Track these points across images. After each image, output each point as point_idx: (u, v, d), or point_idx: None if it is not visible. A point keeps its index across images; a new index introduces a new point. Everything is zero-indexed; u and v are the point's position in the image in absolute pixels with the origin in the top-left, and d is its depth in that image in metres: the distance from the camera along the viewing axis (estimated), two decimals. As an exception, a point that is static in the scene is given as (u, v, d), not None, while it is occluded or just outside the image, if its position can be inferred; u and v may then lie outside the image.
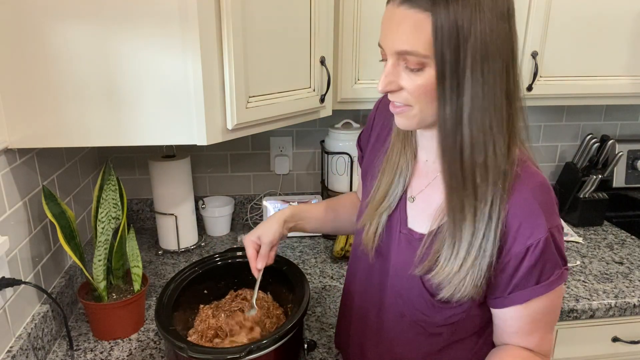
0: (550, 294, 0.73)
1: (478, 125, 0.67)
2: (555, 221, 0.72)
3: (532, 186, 0.71)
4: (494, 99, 0.66)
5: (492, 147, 0.68)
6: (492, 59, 0.65)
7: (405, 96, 0.71)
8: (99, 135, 0.99)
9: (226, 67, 1.00)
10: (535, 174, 0.73)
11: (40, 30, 0.91)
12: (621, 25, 1.41)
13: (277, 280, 1.12)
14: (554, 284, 0.73)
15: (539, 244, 0.70)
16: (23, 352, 0.96)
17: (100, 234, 1.08)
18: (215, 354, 0.84)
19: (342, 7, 1.30)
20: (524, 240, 0.70)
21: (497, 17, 0.64)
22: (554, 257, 0.72)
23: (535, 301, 0.74)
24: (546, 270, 0.72)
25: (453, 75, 0.66)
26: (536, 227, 0.70)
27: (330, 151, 1.59)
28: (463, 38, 0.63)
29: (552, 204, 0.73)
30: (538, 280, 0.72)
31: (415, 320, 0.83)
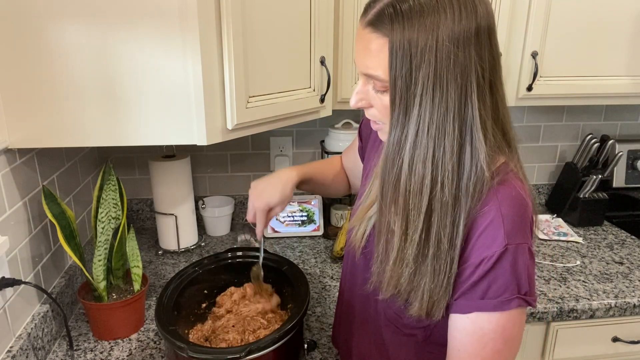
0: (500, 318, 0.68)
1: (420, 153, 0.66)
2: (517, 239, 0.67)
3: (502, 198, 0.68)
4: (443, 127, 0.65)
5: (432, 177, 0.66)
6: (446, 88, 0.63)
7: (375, 114, 0.73)
8: (99, 135, 0.99)
9: (226, 67, 1.00)
10: (510, 187, 0.69)
11: (40, 30, 0.91)
12: (621, 26, 1.41)
13: (278, 280, 1.12)
14: (502, 306, 0.67)
15: (492, 257, 0.67)
16: (23, 352, 0.96)
17: (100, 234, 1.08)
18: (215, 354, 0.84)
19: (342, 7, 1.30)
20: (480, 251, 0.68)
21: (457, 44, 0.62)
22: (506, 276, 0.67)
23: (481, 318, 0.69)
24: (495, 288, 0.67)
25: (402, 102, 0.66)
26: (494, 240, 0.67)
27: (330, 151, 1.59)
28: (415, 65, 0.63)
29: (520, 221, 0.68)
30: (484, 294, 0.68)
31: (389, 320, 0.83)
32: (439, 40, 0.62)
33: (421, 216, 0.68)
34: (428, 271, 0.70)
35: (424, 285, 0.71)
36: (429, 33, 0.62)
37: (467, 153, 0.66)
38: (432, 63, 0.62)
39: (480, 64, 0.64)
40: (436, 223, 0.68)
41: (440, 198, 0.67)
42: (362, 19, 0.68)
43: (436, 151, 0.66)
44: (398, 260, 0.72)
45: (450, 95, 0.64)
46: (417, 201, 0.68)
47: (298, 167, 1.08)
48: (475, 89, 0.64)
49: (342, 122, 1.62)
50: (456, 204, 0.68)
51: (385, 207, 0.72)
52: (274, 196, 1.00)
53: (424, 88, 0.64)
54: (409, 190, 0.68)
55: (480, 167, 0.66)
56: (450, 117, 0.64)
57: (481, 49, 0.64)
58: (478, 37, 0.64)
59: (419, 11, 0.62)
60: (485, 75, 0.65)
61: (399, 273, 0.72)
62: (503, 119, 0.70)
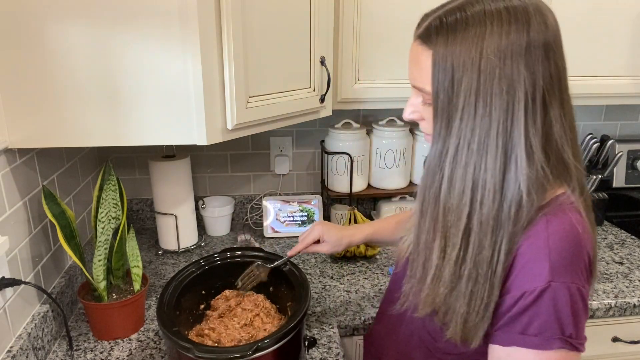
0: (538, 358, 0.64)
1: (460, 168, 0.64)
2: (564, 277, 0.63)
3: (553, 230, 0.64)
4: (485, 144, 0.63)
5: (472, 194, 0.64)
6: (490, 102, 0.61)
7: (426, 127, 0.73)
8: (99, 135, 0.99)
9: (226, 67, 1.00)
10: (564, 220, 0.65)
11: (41, 30, 0.91)
12: (621, 25, 1.41)
13: (278, 280, 1.12)
14: (542, 345, 0.64)
15: (533, 292, 0.63)
16: (23, 352, 0.96)
17: (100, 234, 1.08)
18: (222, 353, 0.84)
19: (342, 7, 1.30)
20: (521, 283, 0.64)
21: (503, 58, 0.60)
22: (548, 315, 0.63)
23: (519, 353, 0.65)
24: (535, 326, 0.64)
25: (443, 114, 0.64)
26: (538, 274, 0.63)
27: (330, 151, 1.59)
28: (457, 78, 0.62)
29: (570, 258, 0.63)
30: (523, 330, 0.65)
31: (422, 341, 0.81)
32: (483, 53, 0.60)
33: (459, 234, 0.66)
34: (463, 293, 0.68)
35: (459, 308, 0.68)
36: (472, 46, 0.61)
37: (512, 173, 0.63)
38: (474, 76, 0.61)
39: (530, 81, 0.61)
40: (475, 243, 0.66)
41: (480, 217, 0.65)
42: (415, 32, 0.69)
43: (477, 168, 0.64)
44: (435, 277, 0.70)
45: (494, 111, 0.62)
46: (456, 218, 0.66)
47: (368, 227, 1.12)
48: (523, 107, 0.61)
49: (342, 122, 1.62)
50: (497, 226, 0.65)
51: (424, 221, 0.71)
52: (332, 237, 1.08)
53: (465, 101, 0.62)
54: (447, 206, 0.67)
55: (522, 190, 0.63)
56: (493, 133, 0.62)
57: (533, 65, 0.61)
58: (529, 53, 0.61)
59: (464, 24, 0.62)
60: (537, 93, 0.62)
61: (435, 292, 0.70)
62: (559, 142, 0.65)
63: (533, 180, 0.63)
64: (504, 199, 0.64)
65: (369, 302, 1.27)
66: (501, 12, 0.61)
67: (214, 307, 1.11)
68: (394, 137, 1.59)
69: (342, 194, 1.62)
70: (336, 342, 1.12)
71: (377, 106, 1.44)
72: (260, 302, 1.11)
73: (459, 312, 0.68)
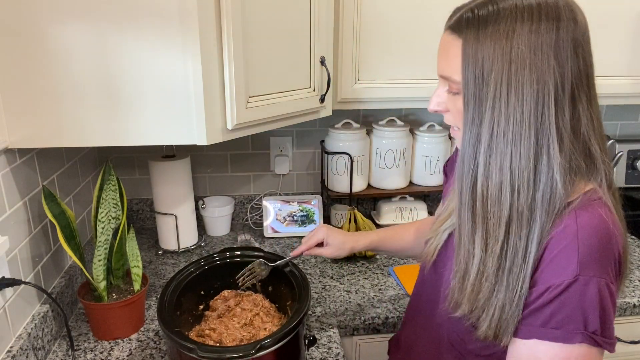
0: (560, 352, 0.64)
1: (496, 157, 0.65)
2: (592, 271, 0.62)
3: (582, 224, 0.64)
4: (520, 133, 0.63)
5: (510, 183, 0.65)
6: (521, 92, 0.63)
7: (450, 119, 0.74)
8: (99, 135, 0.99)
9: (226, 67, 1.00)
10: (594, 215, 0.65)
11: (40, 30, 0.91)
12: (621, 25, 1.41)
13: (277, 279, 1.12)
14: (564, 338, 0.63)
15: (560, 285, 0.63)
16: (23, 352, 0.96)
17: (100, 234, 1.08)
18: (225, 353, 0.84)
19: (342, 7, 1.30)
20: (548, 277, 0.65)
21: (534, 50, 0.62)
22: (573, 309, 0.63)
23: (540, 347, 0.65)
24: (558, 319, 0.63)
25: (475, 105, 0.65)
26: (565, 268, 0.63)
27: (330, 151, 1.59)
28: (488, 68, 0.63)
29: (600, 252, 0.63)
30: (546, 322, 0.64)
31: (452, 344, 0.81)
32: (514, 45, 0.62)
33: (502, 225, 0.66)
34: (504, 287, 0.67)
35: (497, 302, 0.68)
36: (502, 38, 0.62)
37: (544, 163, 0.64)
38: (505, 66, 0.63)
39: (560, 74, 0.63)
40: (514, 234, 0.66)
41: (518, 208, 0.65)
42: (446, 24, 0.70)
43: (513, 157, 0.64)
44: (479, 273, 0.69)
45: (525, 100, 0.63)
46: (497, 209, 0.66)
47: (374, 234, 1.13)
48: (554, 98, 0.63)
49: (342, 122, 1.62)
50: (532, 216, 0.65)
51: (464, 214, 0.70)
52: (335, 240, 1.10)
53: (496, 90, 0.63)
54: (486, 196, 0.67)
55: (555, 180, 0.64)
56: (526, 123, 0.63)
57: (563, 60, 0.63)
58: (558, 47, 0.63)
59: (495, 17, 0.63)
60: (566, 86, 0.63)
61: (479, 288, 0.70)
62: (586, 136, 0.66)
63: (566, 170, 0.64)
64: (537, 188, 0.65)
65: (369, 302, 1.27)
66: (533, 7, 0.63)
67: (212, 307, 1.11)
68: (394, 137, 1.59)
69: (342, 194, 1.62)
70: (336, 342, 1.12)
71: (377, 106, 1.44)
72: (260, 301, 1.11)
73: (497, 306, 0.68)
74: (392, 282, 1.36)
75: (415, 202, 1.69)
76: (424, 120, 1.70)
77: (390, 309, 1.24)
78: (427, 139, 1.62)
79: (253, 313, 1.06)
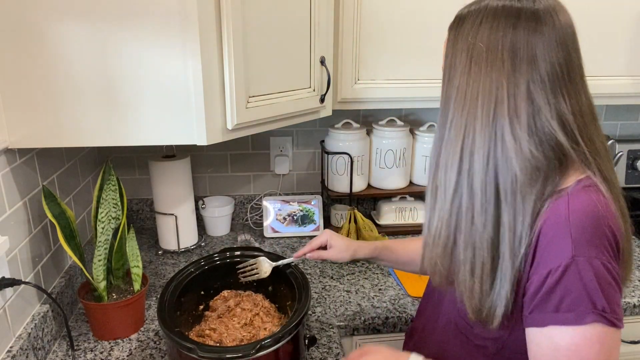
0: (575, 335, 0.65)
1: (451, 145, 0.73)
2: (586, 252, 0.65)
3: (574, 208, 0.67)
4: (473, 125, 0.70)
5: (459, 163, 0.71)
6: (478, 86, 0.69)
7: None
8: (99, 135, 0.99)
9: (226, 67, 1.00)
10: (584, 200, 0.67)
11: (40, 30, 0.91)
12: (621, 26, 1.41)
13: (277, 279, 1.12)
14: (576, 320, 0.65)
15: (559, 268, 0.65)
16: (23, 352, 0.96)
17: (100, 234, 1.08)
18: (225, 353, 0.84)
19: (342, 7, 1.30)
20: (547, 262, 0.67)
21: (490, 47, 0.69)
22: (577, 290, 0.65)
23: (555, 332, 0.67)
24: (567, 301, 0.65)
25: (443, 97, 0.74)
26: (560, 252, 0.66)
27: (330, 151, 1.59)
28: (455, 64, 0.72)
29: (592, 233, 0.65)
30: (557, 308, 0.66)
31: (460, 329, 0.83)
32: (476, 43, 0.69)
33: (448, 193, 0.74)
34: (462, 261, 0.73)
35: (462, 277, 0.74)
36: (468, 36, 0.70)
37: (499, 153, 0.69)
38: (467, 62, 0.70)
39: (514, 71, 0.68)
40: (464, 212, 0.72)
41: (470, 185, 0.71)
42: None
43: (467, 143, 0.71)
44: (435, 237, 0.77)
45: (480, 94, 0.69)
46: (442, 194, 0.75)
47: (380, 243, 1.13)
48: (506, 93, 0.68)
49: (342, 122, 1.62)
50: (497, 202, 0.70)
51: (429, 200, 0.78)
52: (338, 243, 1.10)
53: (459, 84, 0.71)
54: (436, 182, 0.75)
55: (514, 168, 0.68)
56: (480, 114, 0.69)
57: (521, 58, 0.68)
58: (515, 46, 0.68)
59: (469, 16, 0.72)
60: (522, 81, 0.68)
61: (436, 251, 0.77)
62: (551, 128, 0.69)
63: (526, 159, 0.68)
64: (499, 179, 0.70)
65: (369, 302, 1.27)
66: (498, 8, 0.70)
67: (212, 307, 1.11)
68: (394, 137, 1.59)
69: (342, 194, 1.62)
70: (336, 342, 1.12)
71: (377, 106, 1.44)
72: (260, 301, 1.11)
73: (463, 282, 0.74)
74: (392, 282, 1.36)
75: (415, 202, 1.69)
76: (424, 120, 1.70)
77: (390, 309, 1.24)
78: (427, 139, 1.62)
79: (253, 313, 1.06)
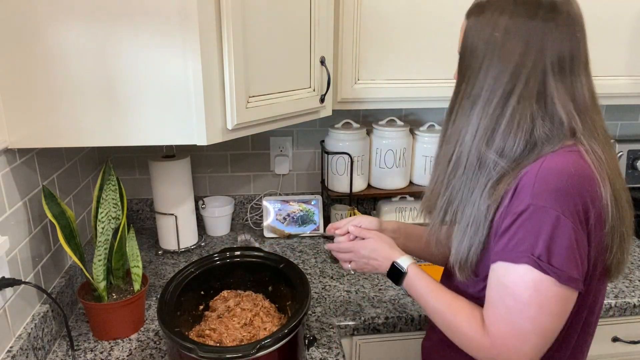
0: (513, 272, 0.72)
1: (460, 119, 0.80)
2: (543, 202, 0.70)
3: (544, 167, 0.73)
4: (487, 97, 0.77)
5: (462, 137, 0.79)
6: (495, 65, 0.76)
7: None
8: (99, 135, 0.99)
9: (226, 67, 1.00)
10: (558, 160, 0.73)
11: (40, 30, 0.91)
12: (621, 25, 1.41)
13: (277, 279, 1.12)
14: (513, 257, 0.72)
15: (515, 214, 0.72)
16: (23, 352, 0.96)
17: (100, 234, 1.08)
18: (225, 353, 0.84)
19: (342, 7, 1.30)
20: (513, 208, 0.73)
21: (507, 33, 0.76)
22: (523, 233, 0.71)
23: (499, 268, 0.74)
24: (515, 241, 0.72)
25: (461, 73, 0.81)
26: (523, 200, 0.72)
27: (330, 151, 1.59)
28: (474, 45, 0.78)
29: (556, 187, 0.70)
30: (504, 247, 0.73)
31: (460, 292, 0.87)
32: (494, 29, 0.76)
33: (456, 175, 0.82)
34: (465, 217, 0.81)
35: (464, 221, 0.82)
36: (488, 24, 0.76)
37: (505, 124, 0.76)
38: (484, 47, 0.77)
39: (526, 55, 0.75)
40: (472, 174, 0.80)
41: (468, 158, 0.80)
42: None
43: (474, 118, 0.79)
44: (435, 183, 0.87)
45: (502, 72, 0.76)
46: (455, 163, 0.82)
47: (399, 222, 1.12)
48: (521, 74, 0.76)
49: (342, 122, 1.62)
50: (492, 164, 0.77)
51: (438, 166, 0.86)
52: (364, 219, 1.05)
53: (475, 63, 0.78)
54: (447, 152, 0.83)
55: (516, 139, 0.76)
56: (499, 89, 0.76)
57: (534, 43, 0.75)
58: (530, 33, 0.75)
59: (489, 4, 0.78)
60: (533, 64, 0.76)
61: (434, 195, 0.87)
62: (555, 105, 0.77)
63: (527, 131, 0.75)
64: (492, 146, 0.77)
65: (369, 302, 1.27)
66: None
67: (212, 307, 1.11)
68: (394, 137, 1.59)
69: (342, 194, 1.62)
70: (336, 342, 1.12)
71: (377, 106, 1.44)
72: (260, 301, 1.11)
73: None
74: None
75: (415, 202, 1.69)
76: (424, 120, 1.70)
77: (390, 309, 1.24)
78: (427, 139, 1.62)
79: (253, 313, 1.06)
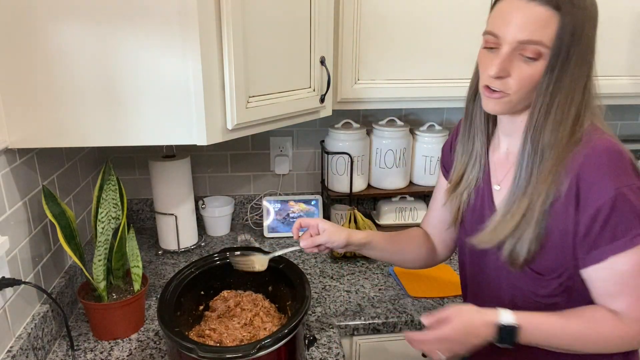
0: (633, 255, 0.76)
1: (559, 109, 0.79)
2: (625, 181, 0.75)
3: (599, 151, 0.77)
4: (575, 91, 0.78)
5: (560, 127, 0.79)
6: (587, 60, 0.78)
7: (510, 84, 0.80)
8: (99, 135, 0.99)
9: (226, 67, 1.00)
10: (602, 141, 0.78)
11: (40, 30, 0.91)
12: (621, 25, 1.41)
13: (277, 279, 1.12)
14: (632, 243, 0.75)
15: (606, 203, 0.74)
16: (23, 352, 0.96)
17: (100, 234, 1.08)
18: (225, 353, 0.84)
19: (342, 7, 1.30)
20: (593, 202, 0.76)
21: (593, 27, 0.78)
22: (627, 215, 0.75)
23: (616, 261, 0.76)
24: (620, 229, 0.75)
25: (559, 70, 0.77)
26: (603, 188, 0.75)
27: (330, 151, 1.59)
28: (576, 40, 0.75)
29: (621, 165, 0.76)
30: (612, 238, 0.76)
31: (525, 297, 0.88)
32: (590, 23, 0.77)
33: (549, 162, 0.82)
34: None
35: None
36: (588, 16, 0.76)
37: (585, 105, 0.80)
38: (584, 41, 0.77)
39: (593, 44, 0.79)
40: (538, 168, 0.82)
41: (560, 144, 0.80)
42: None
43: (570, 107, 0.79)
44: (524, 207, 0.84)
45: (586, 66, 0.79)
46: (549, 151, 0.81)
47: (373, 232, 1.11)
48: (593, 61, 0.80)
49: (342, 122, 1.62)
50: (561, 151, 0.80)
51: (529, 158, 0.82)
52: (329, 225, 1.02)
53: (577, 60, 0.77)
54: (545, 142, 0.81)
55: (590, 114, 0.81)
56: (582, 82, 0.79)
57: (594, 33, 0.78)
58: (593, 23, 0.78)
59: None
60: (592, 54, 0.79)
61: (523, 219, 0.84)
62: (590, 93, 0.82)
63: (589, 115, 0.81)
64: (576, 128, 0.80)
65: (369, 302, 1.27)
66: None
67: (212, 307, 1.11)
68: (394, 137, 1.59)
69: (342, 194, 1.62)
70: (336, 342, 1.12)
71: (377, 106, 1.44)
72: (260, 301, 1.11)
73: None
74: (392, 282, 1.36)
75: (415, 202, 1.69)
76: (424, 120, 1.70)
77: (390, 309, 1.24)
78: (427, 139, 1.62)
79: (253, 313, 1.06)
